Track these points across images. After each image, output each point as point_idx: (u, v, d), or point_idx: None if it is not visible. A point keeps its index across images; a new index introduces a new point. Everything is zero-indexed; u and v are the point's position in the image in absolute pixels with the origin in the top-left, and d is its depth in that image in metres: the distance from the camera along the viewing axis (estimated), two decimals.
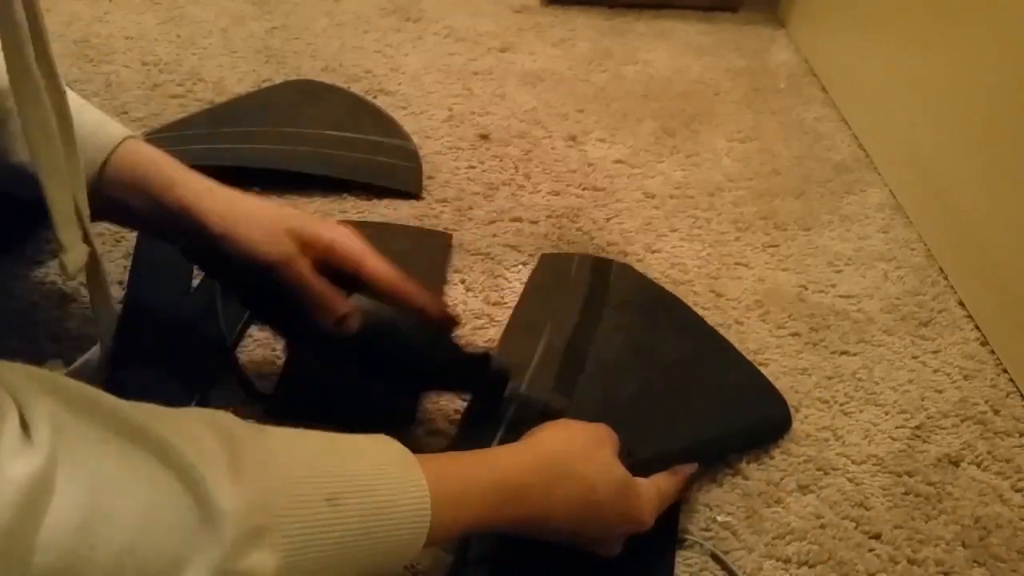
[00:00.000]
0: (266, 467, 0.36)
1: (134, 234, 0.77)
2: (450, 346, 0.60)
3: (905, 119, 0.94)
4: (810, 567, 0.60)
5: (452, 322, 0.59)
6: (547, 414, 0.62)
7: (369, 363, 0.58)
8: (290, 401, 0.65)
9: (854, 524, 0.63)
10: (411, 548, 0.41)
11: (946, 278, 0.85)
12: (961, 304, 0.82)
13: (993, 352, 0.77)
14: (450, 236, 0.83)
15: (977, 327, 0.79)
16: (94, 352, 0.60)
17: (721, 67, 1.16)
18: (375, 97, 1.03)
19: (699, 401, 0.67)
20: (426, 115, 1.01)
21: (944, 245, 0.86)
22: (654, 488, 0.54)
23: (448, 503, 0.42)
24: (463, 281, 0.79)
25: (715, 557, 0.60)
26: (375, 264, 0.55)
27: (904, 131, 0.94)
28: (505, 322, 0.74)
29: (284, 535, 0.35)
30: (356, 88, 1.04)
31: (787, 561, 0.60)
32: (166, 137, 0.89)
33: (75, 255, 0.46)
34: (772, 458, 0.67)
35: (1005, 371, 0.75)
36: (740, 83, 1.13)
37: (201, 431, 0.36)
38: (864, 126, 1.04)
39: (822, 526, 0.63)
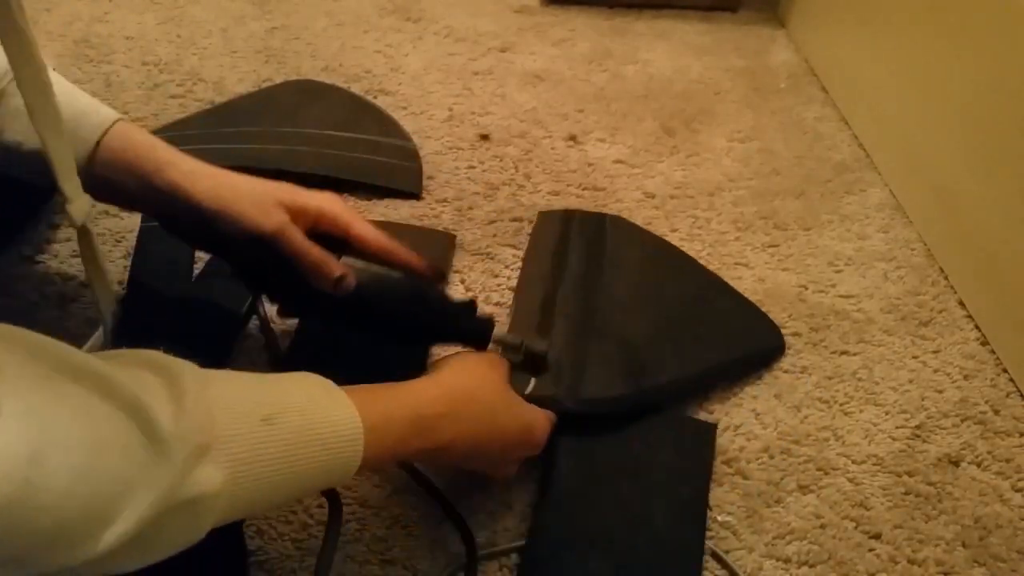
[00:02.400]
0: (204, 393, 0.38)
1: (134, 233, 0.78)
2: (438, 297, 0.64)
3: (905, 119, 0.94)
4: (810, 567, 0.60)
5: (437, 276, 0.64)
6: (530, 355, 0.64)
7: (364, 320, 0.61)
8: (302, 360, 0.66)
9: (854, 524, 0.63)
10: (348, 466, 0.44)
11: (946, 278, 0.85)
12: (961, 304, 0.82)
13: (993, 352, 0.77)
14: (454, 236, 0.83)
15: (977, 327, 0.79)
16: (97, 338, 0.60)
17: (721, 67, 1.16)
18: (375, 97, 1.03)
19: (703, 334, 0.73)
20: (426, 115, 1.01)
21: (944, 245, 0.86)
22: (544, 415, 0.59)
23: (372, 432, 0.45)
24: (463, 281, 0.79)
25: (715, 557, 0.60)
26: (362, 227, 0.60)
27: (904, 131, 0.94)
28: (505, 322, 0.75)
29: (226, 453, 0.37)
30: (356, 88, 1.04)
31: (787, 561, 0.60)
32: (166, 137, 0.88)
33: (79, 204, 0.47)
34: (772, 458, 0.67)
35: (1005, 371, 0.75)
36: (740, 83, 1.13)
37: (139, 367, 0.38)
38: (864, 126, 1.04)
39: (822, 526, 0.63)
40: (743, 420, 0.70)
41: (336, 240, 0.59)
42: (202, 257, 0.77)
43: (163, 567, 0.43)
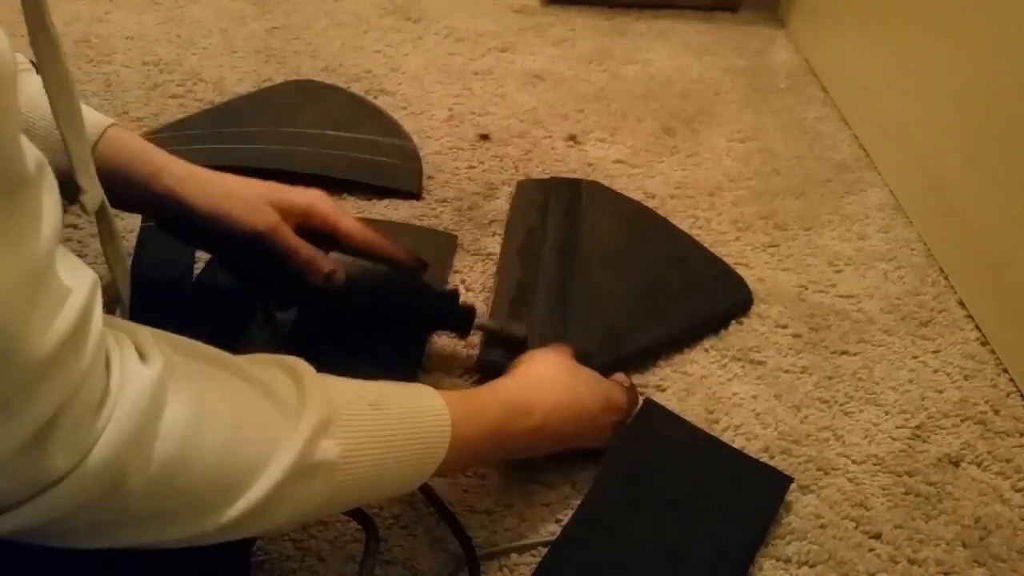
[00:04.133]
0: (320, 380, 0.44)
1: (134, 233, 0.77)
2: (422, 288, 0.67)
3: (905, 119, 0.94)
4: (810, 567, 0.60)
5: (421, 267, 0.67)
6: (509, 339, 0.69)
7: (353, 311, 0.65)
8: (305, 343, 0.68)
9: (854, 524, 0.63)
10: (438, 453, 0.48)
11: (946, 278, 0.85)
12: (961, 304, 0.82)
13: (993, 352, 0.77)
14: (455, 237, 0.83)
15: (977, 327, 0.79)
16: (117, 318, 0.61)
17: (721, 67, 1.16)
18: (375, 97, 1.03)
19: (676, 293, 0.77)
20: (426, 115, 1.01)
21: (944, 245, 0.86)
22: (618, 382, 0.65)
23: (463, 419, 0.50)
24: (463, 281, 0.79)
25: None
26: (348, 223, 0.63)
27: (904, 131, 0.94)
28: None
29: (343, 429, 0.42)
30: (356, 88, 1.04)
31: (787, 561, 0.60)
32: (166, 137, 0.89)
33: (93, 195, 0.49)
34: (772, 458, 0.67)
35: (1005, 371, 0.75)
36: (740, 83, 1.13)
37: (262, 362, 0.44)
38: (864, 126, 1.04)
39: (822, 526, 0.63)
40: (743, 420, 0.70)
41: (326, 235, 0.62)
42: (202, 257, 0.77)
43: (169, 567, 0.44)
